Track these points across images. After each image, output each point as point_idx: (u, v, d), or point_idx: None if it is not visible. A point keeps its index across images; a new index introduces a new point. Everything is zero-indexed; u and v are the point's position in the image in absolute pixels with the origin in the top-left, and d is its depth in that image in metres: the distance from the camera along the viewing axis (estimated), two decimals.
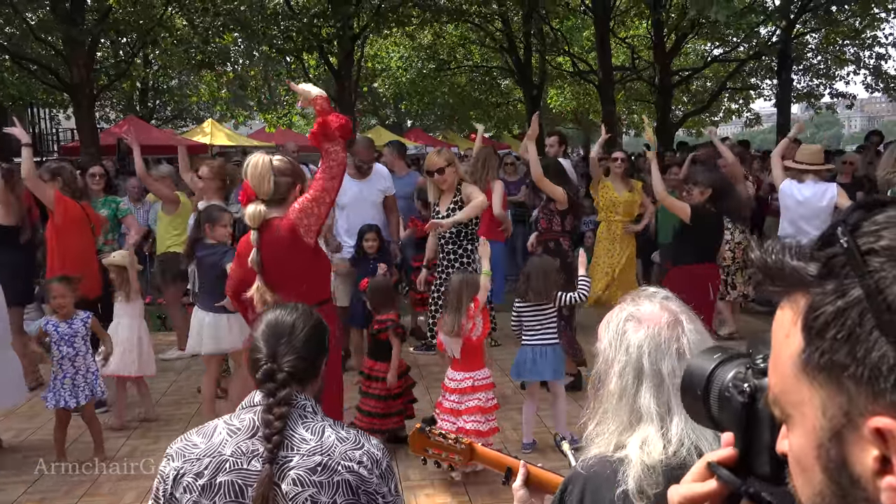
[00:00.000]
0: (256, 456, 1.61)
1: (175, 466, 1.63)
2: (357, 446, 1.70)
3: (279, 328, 1.77)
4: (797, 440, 0.57)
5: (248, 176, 3.17)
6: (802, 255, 0.56)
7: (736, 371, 0.71)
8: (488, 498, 3.90)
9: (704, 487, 0.70)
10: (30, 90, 19.68)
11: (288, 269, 3.14)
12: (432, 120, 33.94)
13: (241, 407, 1.72)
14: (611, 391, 1.43)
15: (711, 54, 24.03)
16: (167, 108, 29.07)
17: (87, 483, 4.17)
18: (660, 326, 1.43)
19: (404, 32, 19.51)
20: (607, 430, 1.42)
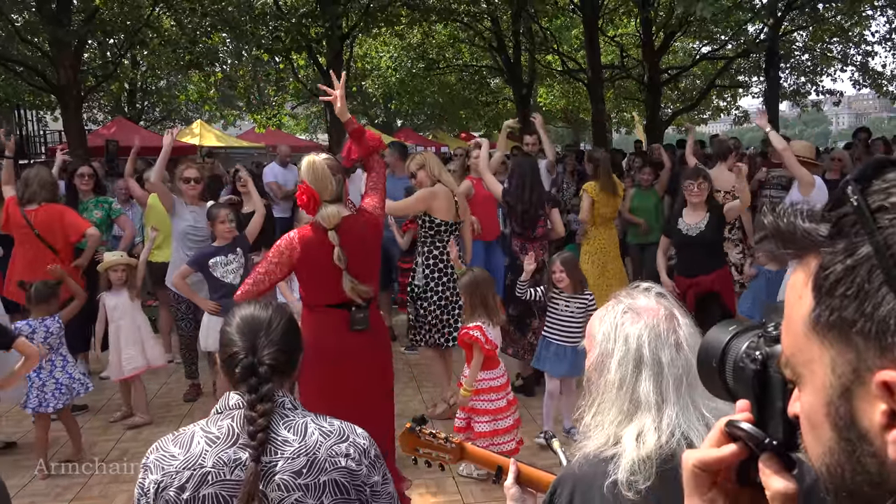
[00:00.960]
0: (240, 465, 1.56)
1: (154, 479, 1.57)
2: (342, 439, 1.66)
3: (255, 322, 1.71)
4: (808, 399, 0.58)
5: (308, 179, 3.18)
6: (814, 216, 0.57)
7: (749, 341, 0.72)
8: (480, 496, 3.91)
9: (722, 452, 0.70)
10: (16, 92, 19.57)
11: (371, 262, 3.35)
12: (422, 120, 33.94)
13: (217, 411, 1.66)
14: (610, 381, 1.44)
15: (700, 52, 24.12)
16: (155, 109, 28.95)
17: (78, 486, 4.15)
18: (658, 318, 1.45)
19: (393, 32, 19.49)
20: (605, 421, 1.43)
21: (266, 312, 1.75)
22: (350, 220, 3.25)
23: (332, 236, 3.17)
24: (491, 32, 20.71)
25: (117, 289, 4.98)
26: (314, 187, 3.17)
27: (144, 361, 5.04)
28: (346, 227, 3.21)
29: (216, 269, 4.78)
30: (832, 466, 0.56)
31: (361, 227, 3.27)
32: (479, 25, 20.54)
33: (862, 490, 0.54)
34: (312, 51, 16.45)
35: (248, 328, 1.70)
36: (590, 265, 6.10)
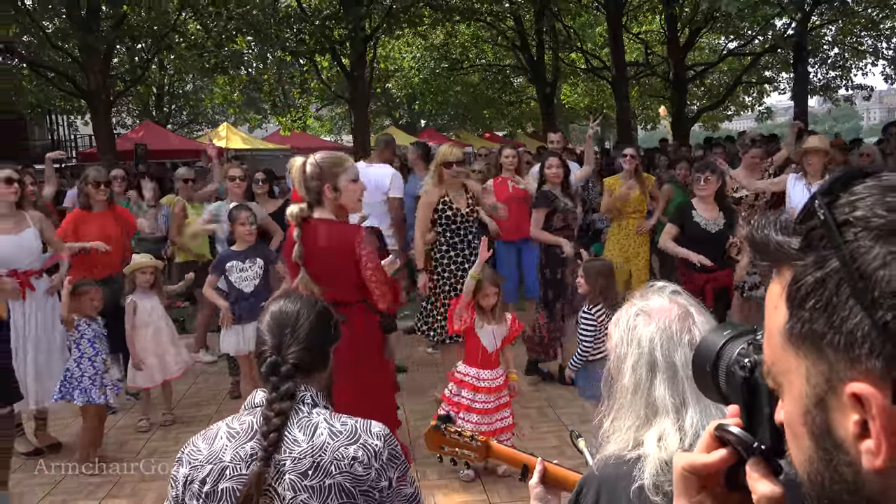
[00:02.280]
0: (255, 459, 1.58)
1: (184, 473, 1.62)
2: (352, 440, 1.63)
3: (283, 319, 1.72)
4: (788, 408, 0.59)
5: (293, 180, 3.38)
6: (786, 229, 0.58)
7: (741, 347, 0.73)
8: (506, 495, 3.90)
9: (711, 457, 0.71)
10: (48, 97, 19.96)
11: (335, 269, 3.30)
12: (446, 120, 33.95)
13: (244, 408, 1.69)
14: (625, 386, 1.42)
15: (726, 48, 23.83)
16: (183, 112, 29.31)
17: (109, 484, 4.22)
18: (670, 319, 1.43)
19: (416, 32, 19.52)
20: (623, 427, 1.41)
21: (294, 307, 1.75)
22: (323, 225, 3.29)
23: (294, 233, 3.29)
24: (514, 31, 20.65)
25: (145, 291, 5.01)
26: (295, 188, 3.40)
27: (174, 367, 5.09)
28: (314, 228, 3.28)
29: (232, 272, 4.78)
30: (812, 474, 0.57)
31: (333, 234, 3.28)
32: (503, 24, 20.50)
33: (841, 498, 0.55)
34: (336, 52, 16.54)
35: (276, 325, 1.71)
36: (616, 251, 6.18)
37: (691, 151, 12.26)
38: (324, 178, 3.31)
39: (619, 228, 6.29)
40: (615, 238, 6.30)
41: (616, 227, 6.32)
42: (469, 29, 21.99)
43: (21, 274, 4.52)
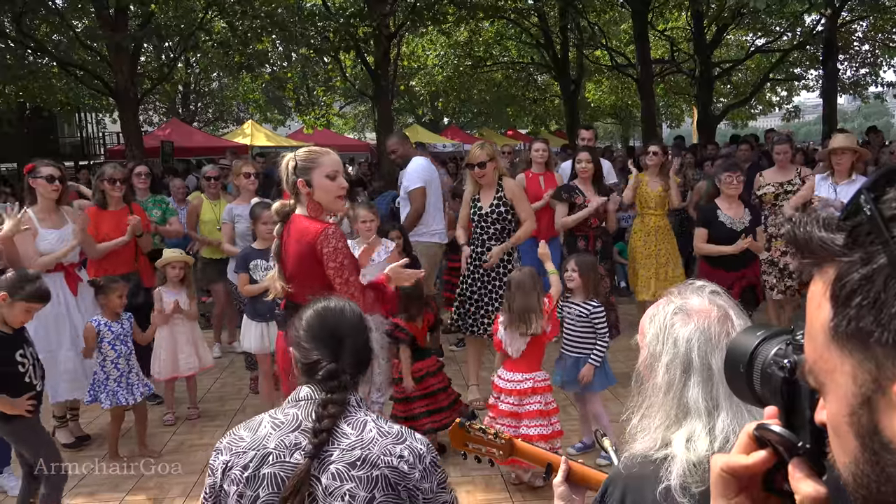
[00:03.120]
0: (299, 448, 1.62)
1: (223, 460, 1.66)
2: (398, 441, 1.68)
3: (339, 328, 1.77)
4: (831, 408, 0.58)
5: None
6: (829, 225, 0.57)
7: (777, 347, 0.72)
8: (528, 494, 3.88)
9: (751, 459, 0.69)
10: (77, 96, 20.28)
11: (302, 270, 3.15)
12: (469, 117, 33.91)
13: (288, 402, 1.73)
14: (657, 385, 1.40)
15: (754, 45, 23.53)
16: (208, 110, 29.60)
17: (135, 478, 4.27)
18: (710, 320, 1.40)
19: (440, 30, 19.51)
20: (652, 425, 1.40)
21: (347, 317, 1.80)
22: (298, 222, 3.17)
23: (276, 229, 3.26)
24: (538, 28, 20.58)
25: (174, 286, 5.06)
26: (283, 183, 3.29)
27: (198, 362, 5.14)
28: (294, 227, 3.18)
29: (256, 272, 4.80)
30: (858, 476, 0.55)
31: (300, 230, 3.14)
32: (526, 22, 20.43)
33: (888, 500, 0.53)
34: (360, 50, 16.59)
35: (332, 333, 1.75)
36: (640, 248, 6.18)
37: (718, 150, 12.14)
38: (298, 172, 3.18)
39: (643, 225, 6.25)
40: (638, 234, 6.27)
41: (639, 223, 6.28)
42: (493, 26, 21.95)
43: (67, 266, 4.63)
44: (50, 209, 4.58)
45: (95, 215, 5.14)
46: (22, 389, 3.30)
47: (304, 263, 3.09)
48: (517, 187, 5.16)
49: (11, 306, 3.23)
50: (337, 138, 26.08)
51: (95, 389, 4.43)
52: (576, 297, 4.26)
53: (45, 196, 4.55)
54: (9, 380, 3.28)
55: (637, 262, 6.23)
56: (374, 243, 3.89)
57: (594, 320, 4.17)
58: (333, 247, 3.03)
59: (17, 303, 3.24)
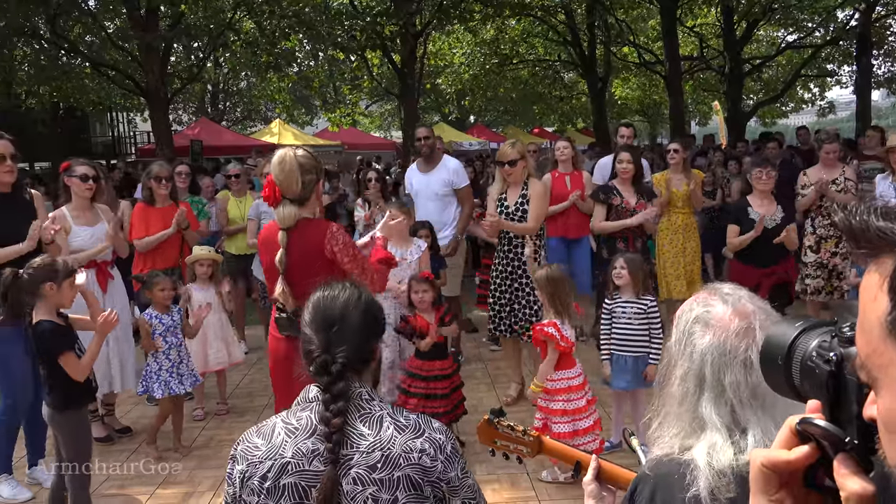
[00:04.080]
0: (317, 456, 1.58)
1: (240, 469, 1.62)
2: (417, 434, 1.63)
3: (329, 315, 1.69)
4: (885, 403, 0.56)
5: (274, 174, 3.04)
6: (889, 215, 0.55)
7: (820, 340, 0.69)
8: (554, 492, 3.87)
9: (793, 454, 0.68)
10: (109, 95, 20.61)
11: (308, 272, 3.05)
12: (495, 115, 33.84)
13: (297, 403, 1.68)
14: (672, 394, 1.38)
15: (785, 41, 23.17)
16: (237, 109, 29.91)
17: (165, 471, 4.33)
18: (727, 334, 1.35)
19: (466, 28, 19.51)
20: (669, 433, 1.38)
21: (339, 301, 1.72)
22: (309, 225, 3.08)
23: (281, 237, 3.06)
24: (565, 26, 20.47)
25: (203, 283, 5.13)
26: (278, 183, 3.03)
27: (228, 357, 5.20)
28: (300, 231, 3.06)
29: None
30: None
31: (312, 234, 3.06)
32: (553, 19, 20.33)
33: None
34: (387, 49, 16.64)
35: (323, 321, 1.69)
36: (666, 246, 6.16)
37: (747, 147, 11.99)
38: (318, 172, 3.10)
39: (669, 224, 6.21)
40: (665, 233, 6.22)
41: (666, 222, 6.23)
42: (519, 24, 21.86)
43: (100, 264, 4.74)
44: (84, 207, 4.68)
45: (143, 212, 5.26)
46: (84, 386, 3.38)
47: (311, 263, 3.05)
48: (541, 188, 5.11)
49: (60, 291, 3.31)
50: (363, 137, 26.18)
51: (148, 380, 4.52)
52: (624, 295, 4.23)
53: (80, 194, 4.65)
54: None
55: (665, 260, 6.19)
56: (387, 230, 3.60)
57: (651, 316, 4.15)
58: (343, 242, 3.06)
59: (63, 284, 3.32)
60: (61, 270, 3.33)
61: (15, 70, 17.03)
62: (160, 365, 4.52)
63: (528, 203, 5.04)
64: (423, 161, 6.19)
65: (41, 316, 3.30)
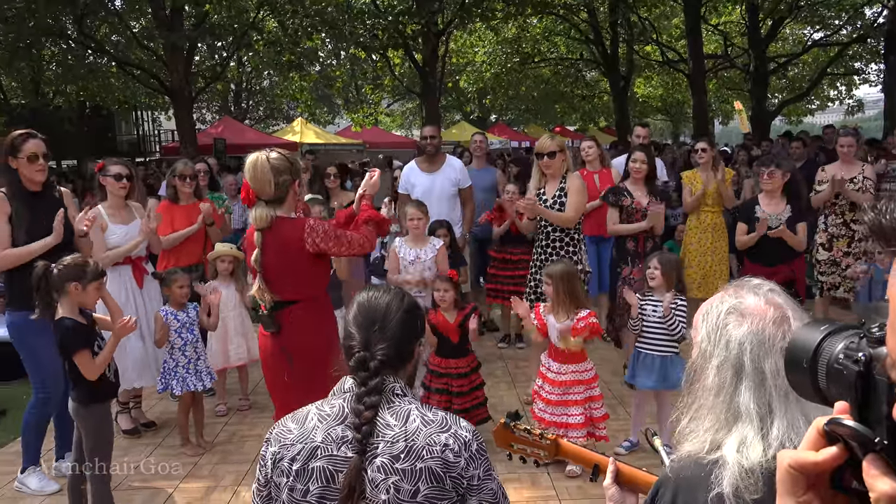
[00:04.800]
0: (346, 443, 1.63)
1: (272, 451, 1.68)
2: (443, 429, 1.66)
3: (372, 314, 1.76)
4: None
5: (248, 176, 3.15)
6: None
7: (848, 342, 0.69)
8: (575, 492, 3.86)
9: (821, 455, 0.67)
10: (134, 94, 20.86)
11: (286, 269, 3.18)
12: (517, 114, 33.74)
13: (333, 392, 1.73)
14: (707, 387, 1.36)
15: (811, 38, 22.86)
16: (259, 108, 30.11)
17: (189, 465, 4.39)
18: (764, 322, 1.34)
19: (488, 27, 19.47)
20: (701, 427, 1.36)
21: (383, 302, 1.79)
22: (284, 224, 3.17)
23: (256, 237, 3.17)
24: (587, 24, 20.36)
25: (224, 279, 5.19)
26: (252, 185, 3.14)
27: (248, 353, 5.25)
28: (276, 230, 3.15)
29: None
30: None
31: (289, 233, 3.15)
32: (576, 17, 20.24)
33: None
34: (409, 48, 16.66)
35: (365, 320, 1.75)
36: (694, 246, 6.14)
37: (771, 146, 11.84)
38: (293, 173, 3.20)
39: (698, 223, 6.16)
40: (693, 232, 6.18)
41: (694, 220, 6.18)
42: (541, 22, 21.80)
43: (135, 260, 4.83)
44: (119, 205, 4.77)
45: (168, 210, 5.34)
46: (107, 382, 3.44)
47: (289, 260, 3.15)
48: (579, 183, 5.03)
49: (85, 292, 3.37)
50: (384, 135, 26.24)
51: (166, 377, 4.58)
52: (656, 295, 4.23)
53: (114, 193, 4.74)
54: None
55: (690, 259, 6.15)
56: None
57: (678, 316, 4.14)
58: (322, 231, 3.16)
59: (89, 286, 3.38)
60: (90, 272, 3.39)
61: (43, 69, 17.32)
62: (177, 362, 4.58)
63: (567, 196, 5.00)
64: (426, 160, 6.17)
65: (64, 313, 3.35)
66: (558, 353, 4.12)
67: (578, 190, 4.98)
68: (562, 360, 4.11)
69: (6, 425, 5.18)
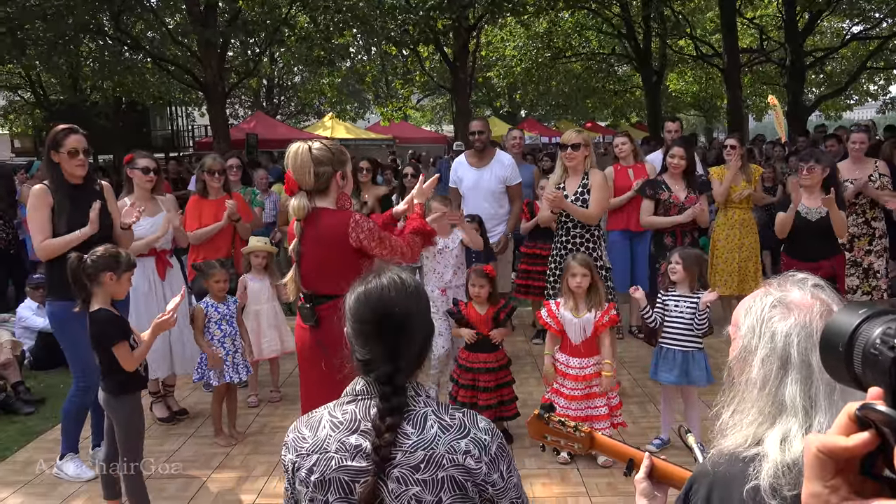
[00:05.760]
0: (360, 453, 1.56)
1: (290, 459, 1.63)
2: (462, 434, 1.58)
3: (395, 318, 1.62)
4: None
5: (290, 167, 3.13)
6: None
7: (885, 327, 0.68)
8: (606, 490, 3.84)
9: (852, 440, 0.66)
10: (168, 90, 21.15)
11: (325, 261, 3.13)
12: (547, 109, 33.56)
13: (345, 394, 1.65)
14: (752, 380, 1.34)
15: (850, 32, 22.37)
16: (291, 103, 30.34)
17: (221, 455, 4.46)
18: (811, 315, 1.32)
19: (519, 21, 19.38)
20: (744, 422, 1.34)
21: (405, 304, 1.64)
22: (327, 216, 3.12)
23: (295, 227, 3.15)
24: (620, 18, 20.16)
25: (258, 273, 5.26)
26: (293, 175, 3.13)
27: (280, 346, 5.30)
28: (317, 221, 3.11)
29: None
30: None
31: (333, 225, 3.11)
32: (608, 11, 20.05)
33: None
34: (439, 43, 16.66)
35: (389, 326, 1.62)
36: (723, 242, 6.08)
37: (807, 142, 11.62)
38: (335, 164, 3.14)
39: (726, 219, 6.10)
40: (722, 228, 6.12)
41: (722, 217, 6.13)
42: (573, 17, 21.62)
43: (160, 252, 4.91)
44: (145, 198, 4.85)
45: (196, 204, 5.41)
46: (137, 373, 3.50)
47: (329, 253, 3.11)
48: (602, 179, 5.01)
49: (119, 282, 3.43)
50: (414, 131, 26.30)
51: (203, 368, 4.65)
52: (679, 290, 4.21)
53: (141, 186, 4.83)
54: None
55: (718, 256, 6.09)
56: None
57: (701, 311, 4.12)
58: (367, 229, 3.11)
59: (123, 276, 3.44)
60: (123, 262, 3.44)
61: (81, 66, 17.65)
62: (223, 352, 4.65)
63: (589, 193, 4.96)
64: (475, 155, 6.14)
65: (99, 304, 3.41)
66: (576, 348, 4.14)
67: (601, 186, 4.96)
68: (582, 355, 4.13)
69: (45, 413, 5.31)
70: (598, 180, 4.96)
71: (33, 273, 7.06)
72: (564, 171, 5.05)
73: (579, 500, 3.75)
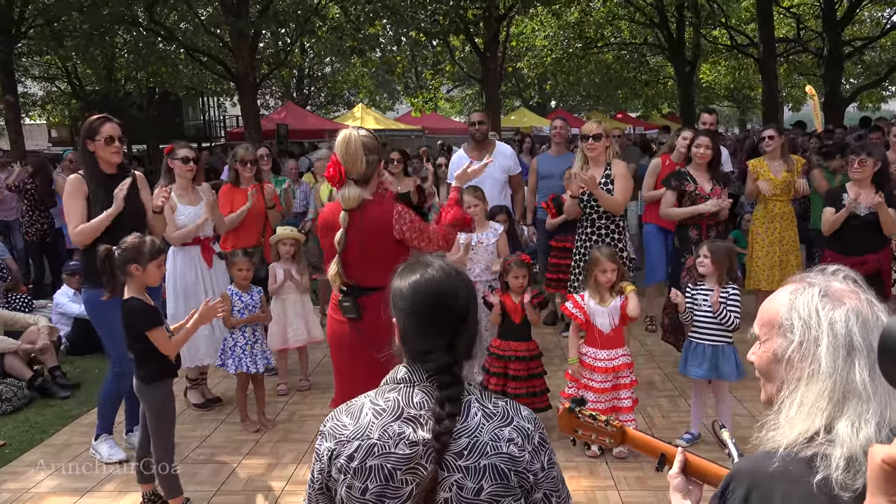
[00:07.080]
0: (403, 440, 1.56)
1: (328, 447, 1.62)
2: (505, 422, 1.59)
3: (453, 311, 1.63)
4: None
5: (339, 154, 3.05)
6: None
7: None
8: (636, 484, 3.81)
9: None
10: (201, 81, 21.38)
11: (371, 253, 3.08)
12: (577, 100, 33.26)
13: (385, 382, 1.65)
14: (818, 371, 1.29)
15: (890, 21, 21.80)
16: (321, 94, 30.48)
17: (251, 443, 4.51)
18: (860, 302, 1.31)
19: (550, 11, 19.21)
20: (801, 415, 1.28)
21: (462, 295, 1.65)
22: (371, 207, 3.09)
23: (342, 217, 3.07)
24: (652, 7, 19.88)
25: (286, 262, 5.29)
26: (343, 163, 3.05)
27: (307, 335, 5.34)
28: (363, 212, 3.06)
29: None
30: None
31: (379, 216, 3.07)
32: (640, 1, 19.77)
33: None
34: (470, 33, 16.58)
35: (450, 318, 1.63)
36: (762, 235, 5.99)
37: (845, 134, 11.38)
38: (380, 153, 3.11)
39: (765, 212, 5.96)
40: (760, 221, 5.99)
41: (761, 209, 5.99)
42: (605, 6, 21.38)
43: (204, 240, 5.01)
44: (186, 187, 4.95)
45: (229, 193, 5.50)
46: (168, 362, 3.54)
47: (374, 244, 3.06)
48: (625, 169, 4.99)
49: (146, 271, 3.47)
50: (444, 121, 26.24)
51: (224, 354, 4.73)
52: (708, 283, 4.16)
53: (182, 175, 4.92)
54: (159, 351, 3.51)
55: (757, 249, 5.96)
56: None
57: (730, 306, 4.07)
58: (410, 220, 3.10)
59: (149, 265, 3.47)
60: (146, 252, 3.45)
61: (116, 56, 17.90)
62: (236, 341, 4.71)
63: (612, 183, 4.95)
64: (475, 147, 6.11)
65: (131, 293, 3.45)
66: (605, 338, 4.14)
67: (625, 176, 4.96)
68: (610, 347, 4.14)
69: (81, 398, 5.42)
70: (621, 170, 4.95)
71: (70, 260, 7.20)
72: (585, 162, 5.03)
73: (608, 493, 3.73)
